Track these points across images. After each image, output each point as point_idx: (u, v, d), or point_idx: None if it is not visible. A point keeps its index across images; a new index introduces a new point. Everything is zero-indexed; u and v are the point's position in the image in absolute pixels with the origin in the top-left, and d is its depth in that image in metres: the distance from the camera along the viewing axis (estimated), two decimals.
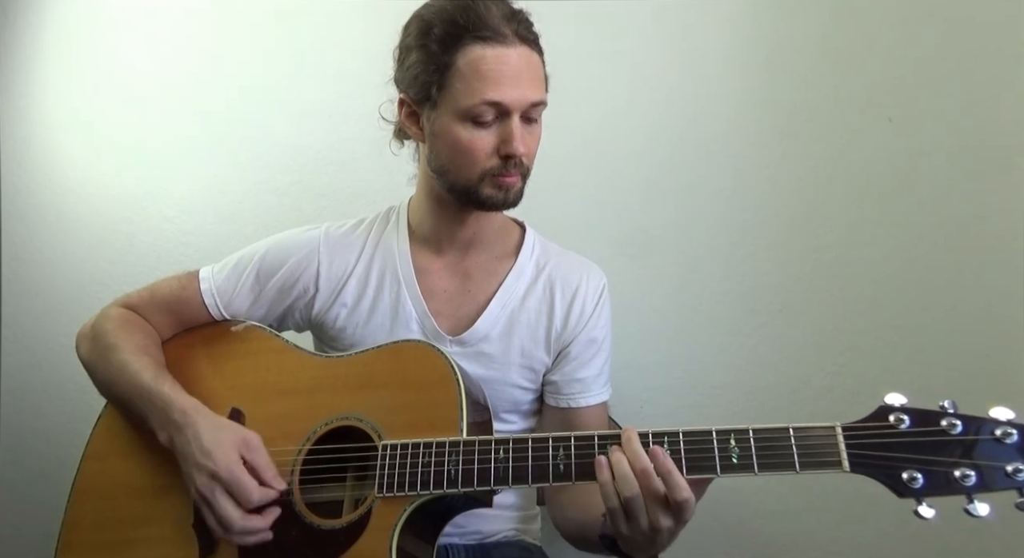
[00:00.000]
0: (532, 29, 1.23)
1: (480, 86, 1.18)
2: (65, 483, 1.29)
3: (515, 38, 1.19)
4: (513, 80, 1.19)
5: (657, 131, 1.87)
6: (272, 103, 2.15)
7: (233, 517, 1.11)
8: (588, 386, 1.36)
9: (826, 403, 1.72)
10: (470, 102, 1.18)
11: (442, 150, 1.25)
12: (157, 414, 1.21)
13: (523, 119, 1.22)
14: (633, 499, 0.99)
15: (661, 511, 0.99)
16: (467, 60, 1.18)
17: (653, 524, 1.00)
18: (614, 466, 1.01)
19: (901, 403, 0.95)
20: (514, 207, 1.28)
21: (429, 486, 1.09)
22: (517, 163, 1.22)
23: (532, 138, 1.25)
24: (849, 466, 0.94)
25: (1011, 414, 0.92)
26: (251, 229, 1.41)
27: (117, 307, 1.38)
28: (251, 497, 1.12)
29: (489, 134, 1.21)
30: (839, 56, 1.76)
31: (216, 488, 1.12)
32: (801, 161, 1.78)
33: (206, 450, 1.14)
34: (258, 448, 1.16)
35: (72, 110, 2.29)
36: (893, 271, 1.70)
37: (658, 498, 0.99)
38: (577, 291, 1.37)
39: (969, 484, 0.89)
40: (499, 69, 1.18)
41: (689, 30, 1.87)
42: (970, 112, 1.65)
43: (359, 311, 1.36)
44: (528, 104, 1.21)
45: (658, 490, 0.98)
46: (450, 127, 1.22)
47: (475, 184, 1.24)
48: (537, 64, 1.23)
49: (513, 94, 1.19)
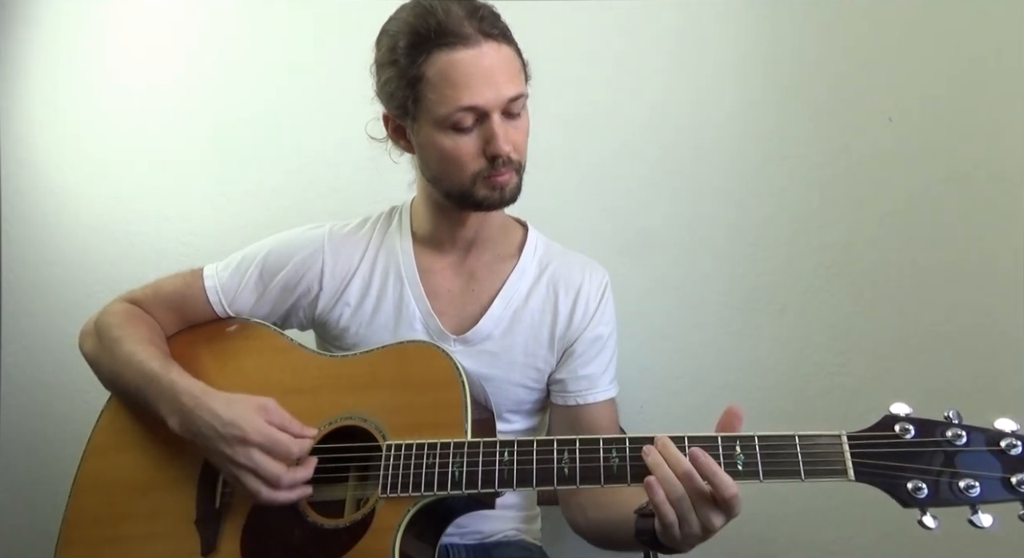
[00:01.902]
0: (497, 22, 1.21)
1: (452, 93, 1.16)
2: (65, 482, 1.28)
3: (479, 36, 1.17)
4: (485, 80, 1.17)
5: (657, 131, 1.87)
6: (272, 103, 2.14)
7: (279, 472, 1.11)
8: (595, 382, 1.36)
9: (826, 403, 1.73)
10: (445, 111, 1.17)
11: (431, 160, 1.25)
12: (167, 400, 1.20)
13: (505, 115, 1.20)
14: (680, 500, 0.98)
15: (711, 510, 0.98)
16: (435, 69, 1.17)
17: (705, 524, 0.99)
18: (654, 470, 1.00)
19: (906, 413, 0.96)
20: (513, 202, 1.28)
21: (433, 487, 1.09)
22: (505, 161, 1.21)
23: (518, 132, 1.23)
24: (854, 475, 0.95)
25: (1015, 425, 0.92)
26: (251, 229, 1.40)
27: (121, 302, 1.37)
28: (291, 449, 1.12)
29: (471, 138, 1.20)
30: (839, 56, 1.76)
31: (252, 451, 1.11)
32: (801, 161, 1.78)
33: (228, 422, 1.13)
34: (276, 409, 1.16)
35: (72, 110, 2.27)
36: (893, 271, 1.71)
37: (705, 498, 0.98)
38: (580, 290, 1.37)
39: (973, 495, 0.90)
40: (468, 72, 1.16)
41: (689, 29, 1.86)
42: (970, 112, 1.66)
43: (363, 310, 1.36)
44: (505, 101, 1.19)
45: (704, 490, 0.98)
46: (432, 137, 1.21)
47: (468, 188, 1.23)
48: (508, 57, 1.21)
49: (487, 95, 1.17)
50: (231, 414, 1.13)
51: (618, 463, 1.04)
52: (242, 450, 1.11)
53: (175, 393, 1.19)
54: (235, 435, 1.12)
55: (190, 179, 2.19)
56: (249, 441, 1.11)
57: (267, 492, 1.12)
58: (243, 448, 1.11)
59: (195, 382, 1.20)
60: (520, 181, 1.26)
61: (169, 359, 1.27)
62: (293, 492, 1.13)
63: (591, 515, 1.30)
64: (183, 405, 1.17)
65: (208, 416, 1.14)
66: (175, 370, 1.23)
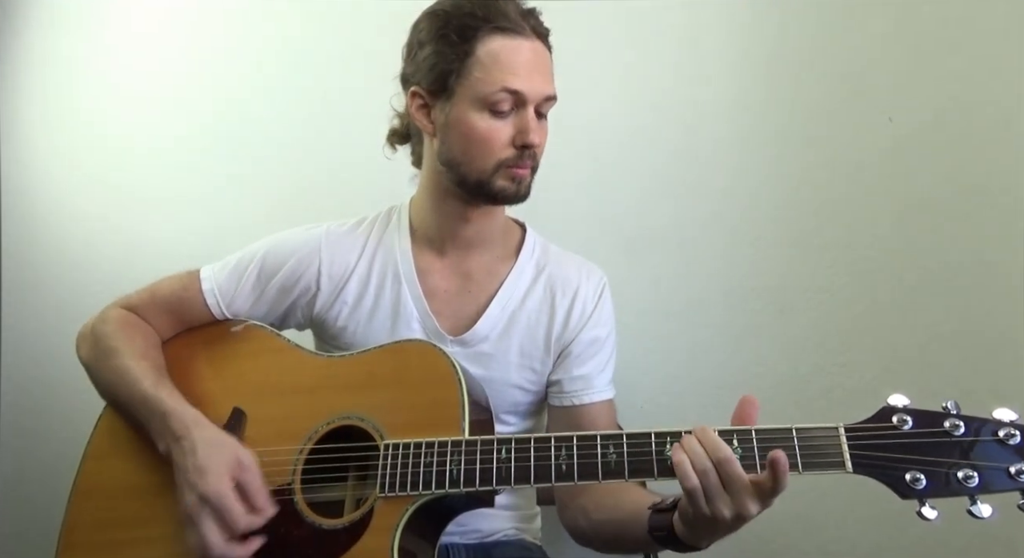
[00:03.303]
0: (544, 27, 1.27)
1: (499, 74, 1.21)
2: (65, 484, 1.28)
3: (531, 32, 1.24)
4: (530, 71, 1.22)
5: (657, 131, 1.88)
6: (272, 103, 2.15)
7: (214, 543, 1.08)
8: (591, 382, 1.36)
9: (826, 403, 1.72)
10: (489, 89, 1.21)
11: (456, 141, 1.26)
12: (156, 423, 1.19)
13: (536, 112, 1.25)
14: (711, 486, 0.96)
15: (748, 498, 0.96)
16: (487, 49, 1.21)
17: (740, 511, 0.96)
18: (691, 455, 0.97)
19: (904, 404, 0.96)
20: (524, 201, 1.29)
21: (431, 486, 1.09)
22: (531, 155, 1.25)
23: (543, 132, 1.27)
24: (852, 467, 0.94)
25: (1014, 415, 0.92)
26: (251, 229, 1.41)
27: (117, 309, 1.37)
28: (237, 525, 1.09)
29: (505, 124, 1.23)
30: (839, 56, 1.76)
31: (203, 511, 1.09)
32: (801, 161, 1.78)
33: (199, 468, 1.11)
34: (251, 469, 1.13)
35: (72, 110, 2.29)
36: (893, 271, 1.70)
37: (743, 486, 0.96)
38: (577, 291, 1.37)
39: (972, 485, 0.89)
40: (518, 59, 1.22)
41: (689, 29, 1.87)
42: (970, 112, 1.65)
43: (360, 310, 1.36)
44: (543, 97, 1.24)
45: (742, 477, 0.96)
46: (467, 116, 1.23)
47: (489, 175, 1.25)
48: (549, 60, 1.28)
49: (530, 84, 1.22)
50: (204, 461, 1.11)
51: (616, 459, 1.03)
52: (196, 504, 1.09)
53: (164, 417, 1.18)
54: (197, 486, 1.10)
55: (189, 179, 2.19)
56: (206, 499, 1.09)
57: (197, 548, 1.09)
58: (198, 503, 1.09)
59: (186, 408, 1.19)
60: (532, 182, 1.29)
61: (163, 376, 1.27)
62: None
63: (595, 517, 1.29)
64: (171, 430, 1.17)
65: (187, 451, 1.13)
66: (166, 389, 1.22)
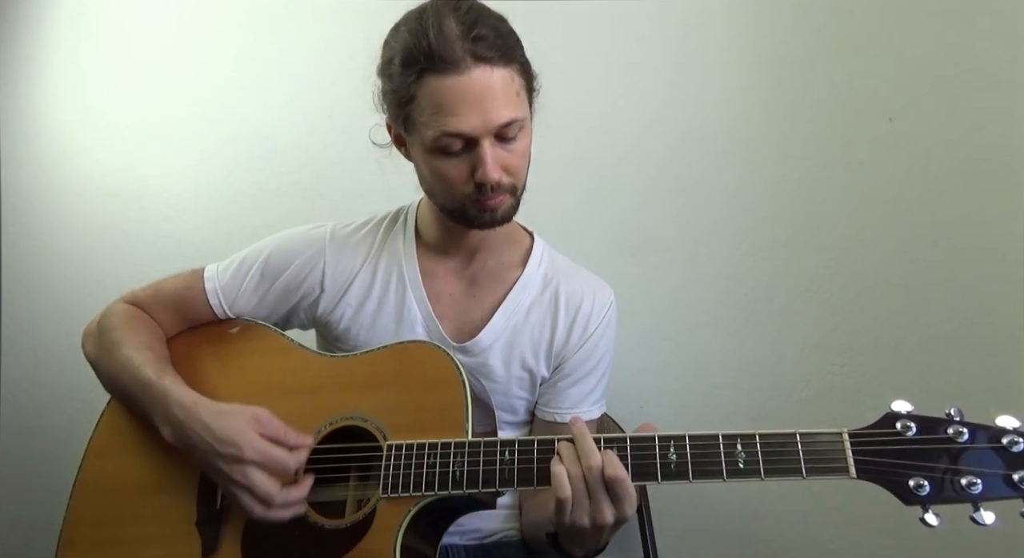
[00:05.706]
0: (495, 43, 1.13)
1: (439, 119, 1.13)
2: (66, 482, 1.28)
3: (470, 60, 1.11)
4: (472, 107, 1.12)
5: (657, 131, 1.88)
6: (272, 103, 2.14)
7: (273, 492, 1.10)
8: (576, 403, 1.36)
9: (826, 403, 1.73)
10: (433, 134, 1.15)
11: (423, 176, 1.25)
12: (159, 409, 1.19)
13: (498, 139, 1.16)
14: (577, 479, 1.01)
15: (604, 500, 1.01)
16: (425, 93, 1.14)
17: (595, 516, 1.01)
18: (565, 460, 1.03)
19: (907, 410, 0.96)
20: (507, 223, 1.26)
21: (434, 487, 1.09)
22: (495, 187, 1.17)
23: (513, 156, 1.18)
24: (856, 473, 0.95)
25: (1017, 422, 0.92)
26: (251, 229, 1.41)
27: (122, 303, 1.37)
28: (288, 465, 1.12)
29: (460, 162, 1.17)
30: (839, 56, 1.77)
31: (248, 469, 1.10)
32: (801, 161, 1.78)
33: (223, 438, 1.11)
34: (270, 420, 1.14)
35: (72, 110, 2.28)
36: (893, 271, 1.71)
37: (601, 485, 1.01)
38: (580, 308, 1.36)
39: (975, 492, 0.89)
40: (455, 99, 1.12)
41: (689, 29, 1.87)
42: (970, 112, 1.66)
43: (364, 312, 1.35)
44: (495, 127, 1.14)
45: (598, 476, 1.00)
46: (423, 157, 1.20)
47: (460, 207, 1.22)
48: (502, 80, 1.14)
49: (474, 123, 1.13)
50: (225, 430, 1.12)
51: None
52: (238, 468, 1.10)
53: (167, 403, 1.18)
54: (232, 454, 1.11)
55: (190, 179, 2.19)
56: (245, 459, 1.10)
57: (260, 510, 1.11)
58: (239, 466, 1.10)
59: (188, 392, 1.19)
60: (516, 202, 1.24)
61: (165, 365, 1.27)
62: (287, 511, 1.12)
63: (530, 516, 1.32)
64: (174, 416, 1.17)
65: (201, 430, 1.13)
66: (169, 377, 1.22)
